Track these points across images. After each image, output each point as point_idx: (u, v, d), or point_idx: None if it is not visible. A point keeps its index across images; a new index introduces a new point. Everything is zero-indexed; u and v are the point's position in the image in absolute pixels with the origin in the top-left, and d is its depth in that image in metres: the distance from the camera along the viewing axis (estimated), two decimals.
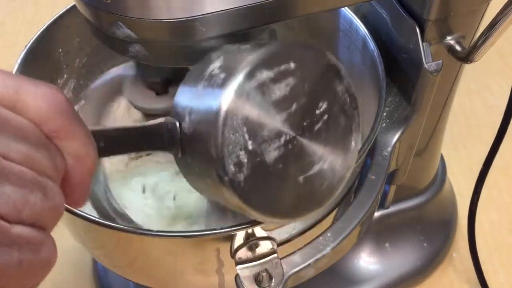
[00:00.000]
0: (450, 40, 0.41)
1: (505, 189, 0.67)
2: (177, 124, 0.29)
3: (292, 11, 0.32)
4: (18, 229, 0.21)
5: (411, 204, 0.57)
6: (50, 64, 0.47)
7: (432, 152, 0.53)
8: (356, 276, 0.56)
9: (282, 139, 0.29)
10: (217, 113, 0.26)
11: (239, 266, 0.36)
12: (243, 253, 0.36)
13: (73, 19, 0.46)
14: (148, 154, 0.47)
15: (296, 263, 0.37)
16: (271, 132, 0.28)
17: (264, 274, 0.35)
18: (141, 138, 0.29)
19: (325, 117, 0.30)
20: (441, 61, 0.40)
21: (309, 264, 0.38)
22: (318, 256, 0.38)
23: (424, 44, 0.40)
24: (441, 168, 0.60)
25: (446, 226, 0.61)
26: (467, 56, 0.39)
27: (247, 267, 0.36)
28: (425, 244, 0.58)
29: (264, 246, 0.36)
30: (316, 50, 0.30)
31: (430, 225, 0.59)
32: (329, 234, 0.39)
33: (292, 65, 0.28)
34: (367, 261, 0.57)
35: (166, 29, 0.30)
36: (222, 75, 0.27)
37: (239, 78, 0.27)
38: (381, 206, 0.55)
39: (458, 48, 0.40)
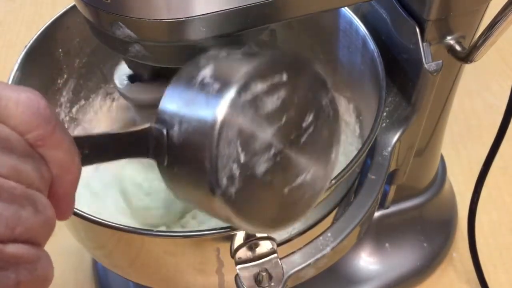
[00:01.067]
0: (450, 40, 0.41)
1: (505, 189, 0.67)
2: (164, 131, 0.28)
3: (292, 11, 0.32)
4: (12, 249, 0.20)
5: (411, 204, 0.57)
6: (50, 64, 0.47)
7: (432, 152, 0.53)
8: (356, 276, 0.56)
9: (272, 152, 0.28)
10: (212, 125, 0.26)
11: (239, 266, 0.36)
12: (243, 253, 0.36)
13: (73, 19, 0.46)
14: None
15: (296, 263, 0.37)
16: (262, 145, 0.28)
17: (264, 274, 0.35)
18: (126, 144, 0.28)
19: (311, 129, 0.30)
20: (441, 61, 0.40)
21: (309, 264, 0.38)
22: (318, 256, 0.38)
23: (424, 44, 0.40)
24: (441, 168, 0.60)
25: (446, 226, 0.61)
26: (467, 56, 0.39)
27: (247, 267, 0.36)
28: (425, 244, 0.58)
29: (264, 246, 0.36)
30: (305, 62, 0.30)
31: (430, 225, 0.59)
32: (329, 234, 0.39)
33: (284, 77, 0.28)
34: (367, 261, 0.57)
35: (166, 29, 0.30)
36: (216, 86, 0.27)
37: (234, 90, 0.26)
38: (381, 206, 0.55)
39: (458, 48, 0.40)
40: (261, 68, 0.27)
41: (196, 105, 0.27)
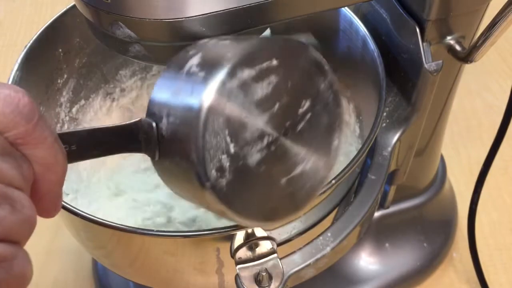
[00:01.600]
0: (450, 40, 0.41)
1: (505, 189, 0.67)
2: (154, 125, 0.27)
3: (292, 11, 0.32)
4: None
5: (411, 204, 0.57)
6: (50, 64, 0.47)
7: (432, 152, 0.53)
8: (356, 276, 0.56)
9: (265, 141, 0.27)
10: (197, 116, 0.25)
11: (239, 266, 0.36)
12: (243, 253, 0.36)
13: (73, 19, 0.46)
14: None
15: (296, 263, 0.37)
16: (253, 134, 0.27)
17: (264, 274, 0.35)
18: (115, 139, 0.28)
19: (308, 115, 0.29)
20: (441, 61, 0.40)
21: (309, 264, 0.38)
22: (318, 256, 0.38)
23: (424, 44, 0.40)
24: (441, 168, 0.60)
25: (446, 226, 0.61)
26: (467, 56, 0.39)
27: (247, 267, 0.36)
28: (425, 244, 0.58)
29: (264, 246, 0.36)
30: (299, 46, 0.28)
31: (430, 225, 0.59)
32: (329, 234, 0.39)
33: (274, 62, 0.27)
34: (367, 261, 0.57)
35: (166, 29, 0.30)
36: (202, 74, 0.26)
37: (219, 78, 0.25)
38: (381, 206, 0.55)
39: (458, 48, 0.40)
40: (248, 53, 0.26)
41: (182, 95, 0.26)
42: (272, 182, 0.29)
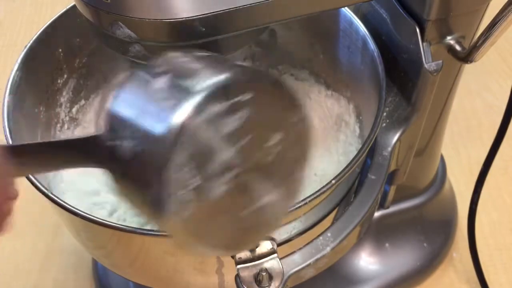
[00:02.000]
0: (450, 40, 0.41)
1: (505, 189, 0.67)
2: (114, 142, 0.26)
3: (292, 11, 0.32)
4: None
5: (411, 204, 0.57)
6: (50, 64, 0.47)
7: (432, 152, 0.53)
8: (356, 276, 0.56)
9: (230, 174, 0.27)
10: (164, 145, 0.24)
11: (239, 266, 0.36)
12: (243, 253, 0.36)
13: (73, 19, 0.46)
14: None
15: (296, 263, 0.37)
16: (220, 167, 0.26)
17: (264, 274, 0.35)
18: (72, 152, 0.27)
19: (277, 149, 0.29)
20: (441, 61, 0.40)
21: (309, 264, 0.38)
22: (318, 256, 0.38)
23: (424, 44, 0.40)
24: (441, 168, 0.60)
25: (446, 226, 0.61)
26: (467, 56, 0.39)
27: (247, 267, 0.36)
28: (425, 244, 0.58)
29: (264, 246, 0.36)
30: (273, 80, 0.28)
31: (430, 225, 0.59)
32: (329, 234, 0.39)
33: (247, 96, 0.26)
34: (367, 261, 0.57)
35: (166, 29, 0.30)
36: (172, 100, 0.25)
37: (189, 109, 0.24)
38: (381, 206, 0.55)
39: (458, 48, 0.40)
40: (222, 85, 0.25)
41: (149, 119, 0.25)
42: (234, 213, 0.28)
